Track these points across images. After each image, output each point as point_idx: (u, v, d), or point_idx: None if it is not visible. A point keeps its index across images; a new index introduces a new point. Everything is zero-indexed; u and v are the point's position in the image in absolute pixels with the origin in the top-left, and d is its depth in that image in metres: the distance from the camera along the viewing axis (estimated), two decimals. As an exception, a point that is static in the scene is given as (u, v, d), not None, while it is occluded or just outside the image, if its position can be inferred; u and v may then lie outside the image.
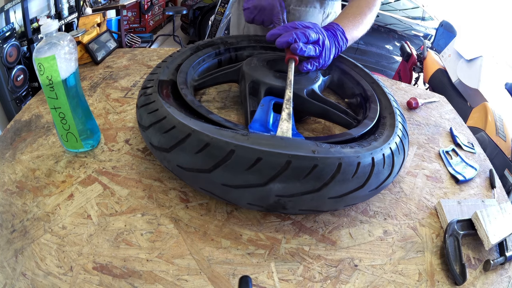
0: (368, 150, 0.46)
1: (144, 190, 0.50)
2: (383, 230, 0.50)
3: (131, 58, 0.87)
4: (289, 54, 0.58)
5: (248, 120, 0.56)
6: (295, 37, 0.56)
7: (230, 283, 0.41)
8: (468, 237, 0.50)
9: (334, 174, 0.42)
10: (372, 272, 0.44)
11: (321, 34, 0.60)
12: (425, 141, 0.71)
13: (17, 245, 0.42)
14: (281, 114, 0.49)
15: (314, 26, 0.61)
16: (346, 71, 0.73)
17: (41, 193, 0.49)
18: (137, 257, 0.42)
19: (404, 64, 2.92)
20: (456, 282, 0.44)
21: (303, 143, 0.43)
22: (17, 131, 0.60)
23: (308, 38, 0.58)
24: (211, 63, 0.72)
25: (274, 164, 0.40)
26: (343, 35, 0.65)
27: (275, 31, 0.60)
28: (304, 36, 0.57)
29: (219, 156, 0.41)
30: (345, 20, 0.68)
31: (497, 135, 1.68)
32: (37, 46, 0.45)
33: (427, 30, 3.62)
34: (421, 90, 0.95)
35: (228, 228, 0.47)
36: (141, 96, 0.55)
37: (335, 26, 0.66)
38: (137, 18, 3.75)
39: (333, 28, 0.65)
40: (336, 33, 0.65)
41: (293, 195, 0.42)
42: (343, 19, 0.69)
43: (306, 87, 0.59)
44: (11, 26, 1.70)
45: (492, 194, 0.62)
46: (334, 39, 0.64)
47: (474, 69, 2.18)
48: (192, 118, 0.47)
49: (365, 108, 0.63)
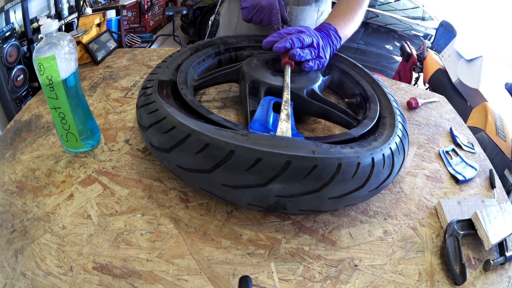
0: (368, 150, 0.46)
1: (144, 190, 0.50)
2: (383, 230, 0.50)
3: (131, 58, 0.87)
4: (285, 59, 0.59)
5: (248, 120, 0.56)
6: (291, 42, 0.59)
7: (230, 283, 0.41)
8: (468, 237, 0.50)
9: (334, 174, 0.42)
10: (372, 272, 0.44)
11: (314, 37, 0.62)
12: (425, 141, 0.71)
13: (17, 245, 0.42)
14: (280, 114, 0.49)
15: (307, 30, 0.63)
16: (346, 71, 0.73)
17: (41, 193, 0.49)
18: (137, 257, 0.42)
19: (404, 64, 2.92)
20: (456, 282, 0.44)
21: (303, 143, 0.43)
22: (17, 131, 0.60)
23: (302, 42, 0.60)
24: (211, 63, 0.72)
25: (274, 165, 0.40)
26: (336, 34, 0.68)
27: (270, 38, 0.62)
28: (299, 41, 0.60)
29: (219, 156, 0.41)
30: (337, 19, 0.71)
31: (497, 135, 1.68)
32: (37, 46, 0.45)
33: (427, 30, 3.62)
34: (421, 90, 0.95)
35: (228, 228, 0.47)
36: (141, 96, 0.55)
37: (327, 26, 0.68)
38: (137, 18, 3.75)
39: (325, 29, 0.67)
40: (329, 32, 0.67)
41: (293, 195, 0.42)
42: (335, 18, 0.71)
43: (306, 87, 0.59)
44: (11, 26, 1.70)
45: (492, 194, 0.62)
46: (328, 39, 0.66)
47: (474, 69, 2.18)
48: (192, 118, 0.47)
49: (365, 108, 0.63)
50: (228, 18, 1.00)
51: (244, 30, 0.96)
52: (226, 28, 1.02)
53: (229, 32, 1.00)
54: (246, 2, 0.78)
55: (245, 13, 0.79)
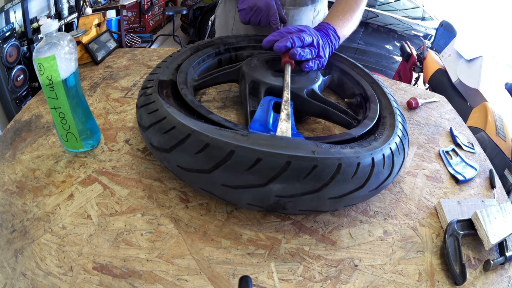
0: (368, 150, 0.46)
1: (144, 190, 0.50)
2: (383, 230, 0.50)
3: (131, 58, 0.87)
4: (286, 58, 0.59)
5: (248, 120, 0.56)
6: (292, 41, 0.58)
7: (230, 283, 0.41)
8: (468, 237, 0.50)
9: (334, 174, 0.42)
10: (372, 272, 0.44)
11: (314, 36, 0.62)
12: (425, 141, 0.71)
13: (17, 245, 0.42)
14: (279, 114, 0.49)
15: (307, 29, 0.63)
16: (346, 71, 0.73)
17: (41, 193, 0.49)
18: (137, 257, 0.42)
19: (404, 64, 2.92)
20: (456, 282, 0.44)
21: (302, 143, 0.43)
22: (17, 131, 0.60)
23: (303, 41, 0.60)
24: (211, 63, 0.72)
25: (274, 165, 0.40)
26: (335, 33, 0.68)
27: (270, 37, 0.62)
28: (300, 40, 0.59)
29: (219, 156, 0.41)
30: (335, 19, 0.71)
31: (497, 135, 1.68)
32: (37, 46, 0.45)
33: (427, 30, 3.62)
34: (421, 90, 0.95)
35: (228, 228, 0.47)
36: (141, 96, 0.55)
37: (326, 25, 0.68)
38: (137, 18, 3.75)
39: (324, 28, 0.68)
40: (328, 32, 0.67)
41: (293, 195, 0.42)
42: (334, 18, 0.71)
43: (306, 87, 0.59)
44: (11, 26, 1.70)
45: (492, 194, 0.62)
46: (327, 38, 0.66)
47: (474, 69, 2.19)
48: (192, 118, 0.47)
49: (365, 108, 0.63)
50: (224, 19, 1.00)
51: (241, 30, 0.95)
52: (222, 29, 1.02)
53: (226, 33, 0.99)
54: (243, 4, 0.77)
55: (243, 15, 0.78)
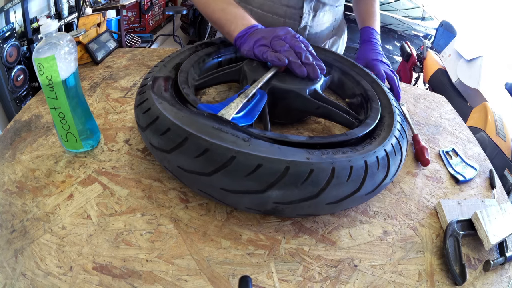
0: (361, 154, 0.46)
1: (144, 190, 0.50)
2: (383, 230, 0.50)
3: (131, 58, 0.87)
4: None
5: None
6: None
7: (230, 283, 0.41)
8: (468, 237, 0.50)
9: (329, 178, 0.42)
10: (372, 272, 0.44)
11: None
12: (425, 141, 0.71)
13: (17, 245, 0.42)
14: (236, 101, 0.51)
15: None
16: (346, 71, 0.73)
17: (41, 193, 0.49)
18: (136, 257, 0.42)
19: (404, 64, 2.92)
20: (456, 283, 0.44)
21: (296, 151, 0.43)
22: (17, 131, 0.60)
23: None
24: (211, 63, 0.72)
25: (274, 170, 0.40)
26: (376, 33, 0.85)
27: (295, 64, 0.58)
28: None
29: (219, 161, 0.41)
30: (371, 20, 0.88)
31: (497, 135, 1.68)
32: (37, 46, 0.45)
33: (427, 30, 3.62)
34: (421, 90, 0.95)
35: (227, 228, 0.47)
36: (137, 95, 0.55)
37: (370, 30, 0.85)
38: (137, 18, 3.75)
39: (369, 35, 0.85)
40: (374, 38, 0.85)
41: (291, 202, 0.42)
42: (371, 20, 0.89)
43: (309, 87, 0.59)
44: (11, 26, 1.70)
45: (492, 194, 0.62)
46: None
47: (474, 69, 2.19)
48: (183, 107, 0.48)
49: (366, 108, 0.63)
50: None
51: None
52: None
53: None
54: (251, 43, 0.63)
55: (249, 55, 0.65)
